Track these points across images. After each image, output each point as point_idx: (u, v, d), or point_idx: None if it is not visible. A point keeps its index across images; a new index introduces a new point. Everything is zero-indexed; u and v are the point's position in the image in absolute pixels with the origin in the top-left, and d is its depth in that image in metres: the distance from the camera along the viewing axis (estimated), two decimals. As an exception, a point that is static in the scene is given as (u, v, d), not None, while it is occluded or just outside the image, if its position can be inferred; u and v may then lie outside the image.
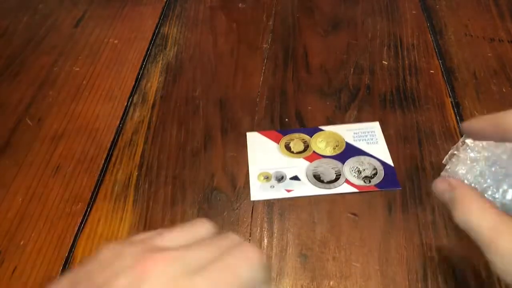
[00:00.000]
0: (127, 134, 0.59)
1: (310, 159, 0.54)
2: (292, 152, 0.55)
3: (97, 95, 0.64)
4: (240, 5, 0.80)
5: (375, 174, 0.52)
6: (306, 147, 0.56)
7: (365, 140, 0.56)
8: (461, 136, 0.53)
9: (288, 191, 0.51)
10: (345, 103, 0.61)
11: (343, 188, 0.51)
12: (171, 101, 0.63)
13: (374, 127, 0.57)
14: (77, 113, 0.62)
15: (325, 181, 0.52)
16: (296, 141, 0.56)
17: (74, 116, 0.62)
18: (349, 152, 0.55)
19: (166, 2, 0.81)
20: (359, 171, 0.53)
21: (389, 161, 0.54)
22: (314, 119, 0.59)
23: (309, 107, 0.61)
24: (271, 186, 0.52)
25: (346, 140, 0.56)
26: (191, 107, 0.62)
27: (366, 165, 0.54)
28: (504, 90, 0.62)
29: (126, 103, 0.63)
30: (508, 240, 0.30)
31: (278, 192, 0.51)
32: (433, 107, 0.60)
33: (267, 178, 0.53)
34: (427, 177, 0.52)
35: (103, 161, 0.56)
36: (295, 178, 0.52)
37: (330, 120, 0.59)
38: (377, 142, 0.56)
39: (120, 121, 0.61)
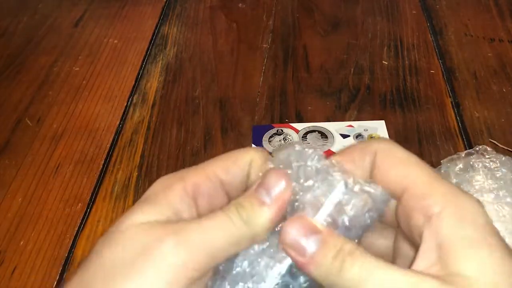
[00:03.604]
0: (127, 134, 0.59)
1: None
2: None
3: (97, 95, 0.64)
4: (240, 5, 0.79)
5: None
6: None
7: None
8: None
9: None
10: (345, 103, 0.61)
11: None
12: (171, 101, 0.63)
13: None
14: (77, 113, 0.62)
15: None
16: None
17: (74, 116, 0.61)
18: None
19: (166, 1, 0.81)
20: None
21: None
22: (314, 119, 0.59)
23: (309, 107, 0.61)
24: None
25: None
26: (191, 107, 0.62)
27: None
28: (504, 90, 0.62)
29: (126, 103, 0.63)
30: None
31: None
32: (433, 107, 0.60)
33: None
34: (427, 177, 0.52)
35: (103, 161, 0.56)
36: None
37: (330, 120, 0.59)
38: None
39: (120, 121, 0.60)
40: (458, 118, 0.58)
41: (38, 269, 0.47)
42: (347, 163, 0.27)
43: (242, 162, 0.28)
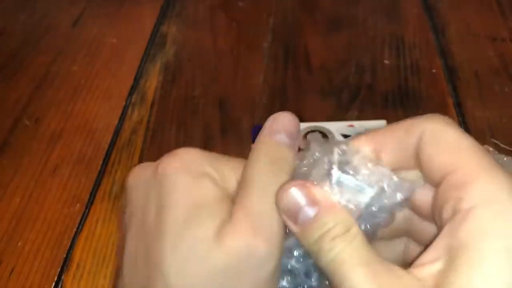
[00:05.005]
0: (125, 134, 0.58)
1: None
2: None
3: (95, 94, 0.64)
4: (240, 3, 0.79)
5: None
6: None
7: None
8: None
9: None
10: (346, 102, 0.61)
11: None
12: (170, 101, 0.63)
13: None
14: (75, 113, 0.61)
15: None
16: None
17: (72, 116, 0.61)
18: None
19: (165, 0, 0.80)
20: None
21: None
22: (315, 118, 0.59)
23: (310, 107, 0.60)
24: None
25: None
26: (190, 106, 0.62)
27: None
28: (506, 89, 0.62)
29: (124, 103, 0.62)
30: None
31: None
32: (435, 107, 0.60)
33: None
34: (429, 178, 0.51)
35: (101, 162, 0.55)
36: None
37: (331, 120, 0.58)
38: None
39: (119, 121, 0.60)
40: (460, 118, 0.58)
41: (36, 270, 0.46)
42: (391, 142, 0.24)
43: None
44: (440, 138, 0.23)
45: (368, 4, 0.77)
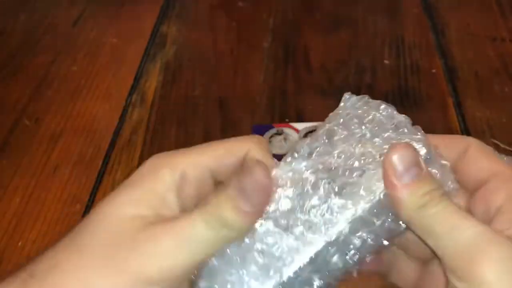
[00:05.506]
0: (125, 134, 0.58)
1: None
2: None
3: (95, 94, 0.64)
4: (240, 3, 0.79)
5: None
6: None
7: None
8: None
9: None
10: (346, 102, 0.61)
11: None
12: (170, 101, 0.63)
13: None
14: (75, 113, 0.61)
15: None
16: None
17: (72, 116, 0.61)
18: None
19: (165, 0, 0.80)
20: None
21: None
22: (315, 118, 0.59)
23: (310, 107, 0.60)
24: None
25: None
26: (190, 106, 0.62)
27: None
28: (506, 89, 0.62)
29: (124, 103, 0.62)
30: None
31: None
32: (435, 107, 0.60)
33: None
34: (429, 178, 0.51)
35: (101, 162, 0.55)
36: None
37: (331, 120, 0.59)
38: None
39: (119, 121, 0.60)
40: (460, 118, 0.58)
41: (36, 270, 0.46)
42: (443, 144, 0.29)
43: (237, 152, 0.27)
44: (485, 149, 0.29)
45: (368, 4, 0.77)
